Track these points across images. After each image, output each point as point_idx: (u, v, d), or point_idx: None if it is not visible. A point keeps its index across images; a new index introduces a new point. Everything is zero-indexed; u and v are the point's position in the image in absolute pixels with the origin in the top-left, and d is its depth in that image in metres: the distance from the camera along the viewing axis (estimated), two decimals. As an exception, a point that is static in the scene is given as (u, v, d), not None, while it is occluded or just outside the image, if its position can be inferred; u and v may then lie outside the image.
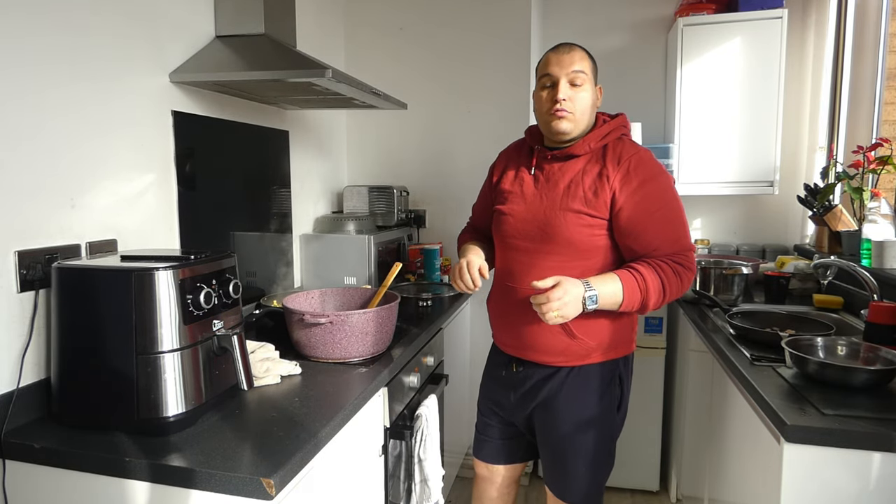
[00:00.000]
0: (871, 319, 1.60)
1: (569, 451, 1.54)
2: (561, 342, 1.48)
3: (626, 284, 1.37)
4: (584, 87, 1.46)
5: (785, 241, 2.95)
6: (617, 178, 1.41)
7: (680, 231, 1.43)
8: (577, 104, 1.45)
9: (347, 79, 1.69)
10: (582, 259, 1.45)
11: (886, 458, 1.14)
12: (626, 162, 1.42)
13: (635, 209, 1.40)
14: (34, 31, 1.23)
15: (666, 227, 1.41)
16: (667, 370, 2.57)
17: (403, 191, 2.70)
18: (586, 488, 1.57)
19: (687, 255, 1.42)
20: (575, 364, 1.51)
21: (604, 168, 1.43)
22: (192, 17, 1.72)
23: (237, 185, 1.98)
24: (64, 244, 1.31)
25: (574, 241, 1.44)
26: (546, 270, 1.44)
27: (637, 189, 1.40)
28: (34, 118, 1.24)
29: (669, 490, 2.62)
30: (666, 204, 1.42)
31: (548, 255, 1.47)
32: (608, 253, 1.46)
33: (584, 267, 1.45)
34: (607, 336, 1.49)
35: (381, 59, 2.82)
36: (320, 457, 1.17)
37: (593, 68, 1.50)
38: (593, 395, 1.52)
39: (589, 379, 1.51)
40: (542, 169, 1.52)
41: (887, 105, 2.33)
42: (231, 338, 1.23)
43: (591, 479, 1.56)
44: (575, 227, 1.43)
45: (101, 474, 1.08)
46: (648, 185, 1.40)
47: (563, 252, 1.45)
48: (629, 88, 3.01)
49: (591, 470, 1.55)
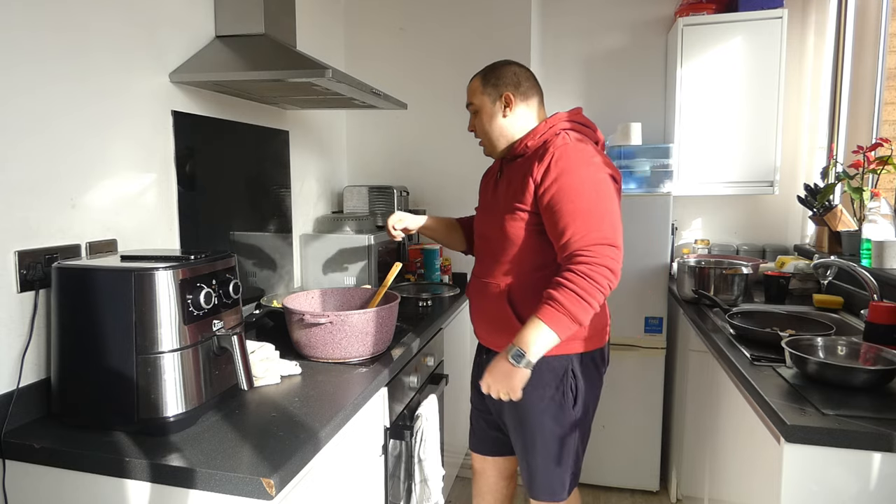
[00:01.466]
0: (871, 319, 1.60)
1: (528, 444, 1.58)
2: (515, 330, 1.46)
3: (548, 320, 1.35)
4: (479, 114, 1.59)
5: (785, 241, 2.96)
6: (540, 170, 1.45)
7: (593, 224, 1.38)
8: (478, 129, 1.61)
9: (347, 79, 1.69)
10: (522, 252, 1.51)
11: (886, 458, 1.14)
12: (549, 155, 1.45)
13: (551, 199, 1.42)
14: (34, 31, 1.23)
15: (577, 218, 1.38)
16: (667, 370, 2.57)
17: (403, 191, 2.70)
18: (549, 484, 1.59)
19: (594, 249, 1.36)
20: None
21: (533, 164, 1.47)
22: (192, 17, 1.72)
23: (237, 185, 1.98)
24: (64, 244, 1.31)
25: (510, 236, 1.51)
26: (494, 264, 1.57)
27: (555, 181, 1.42)
28: (34, 118, 1.24)
29: (669, 490, 2.62)
30: (580, 196, 1.40)
31: (495, 250, 1.56)
32: (545, 249, 1.48)
33: (522, 259, 1.52)
34: None
35: (381, 59, 2.82)
36: (320, 457, 1.17)
37: (483, 89, 1.57)
38: (547, 388, 1.54)
39: (542, 371, 1.51)
40: (503, 174, 1.62)
41: (887, 105, 2.33)
42: (231, 338, 1.23)
43: (554, 476, 1.58)
44: (511, 221, 1.50)
45: (101, 474, 1.08)
46: (565, 177, 1.41)
47: (507, 247, 1.53)
48: (629, 88, 3.01)
49: (550, 465, 1.57)
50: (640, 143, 2.67)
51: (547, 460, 1.57)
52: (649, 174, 2.60)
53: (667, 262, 2.50)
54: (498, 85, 1.56)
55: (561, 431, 1.55)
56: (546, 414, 1.54)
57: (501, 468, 1.80)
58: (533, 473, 1.60)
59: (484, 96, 1.57)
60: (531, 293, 1.46)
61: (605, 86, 3.05)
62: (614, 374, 2.57)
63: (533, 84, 1.58)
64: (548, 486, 1.59)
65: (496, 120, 1.57)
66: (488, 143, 1.60)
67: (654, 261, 2.49)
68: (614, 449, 2.64)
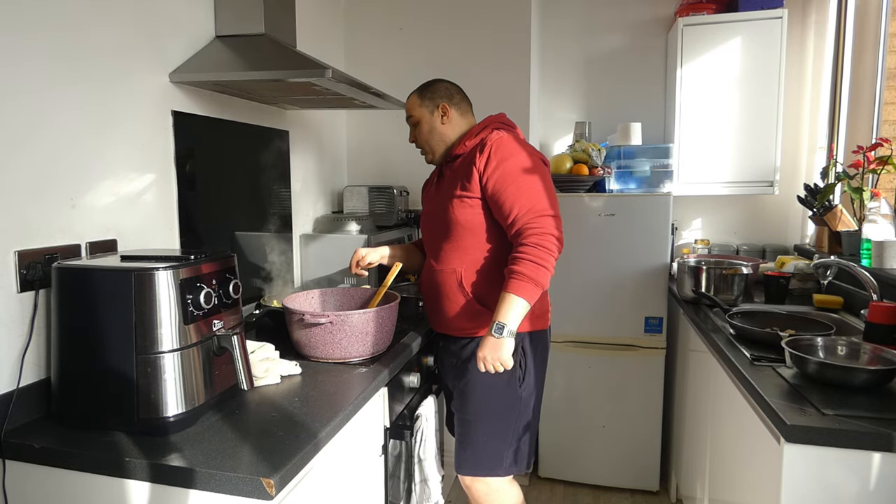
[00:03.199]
0: (871, 319, 1.60)
1: (472, 421, 1.71)
2: (469, 312, 1.69)
3: (518, 290, 1.52)
4: (419, 125, 1.77)
5: (785, 241, 2.95)
6: (482, 160, 1.63)
7: (533, 200, 1.58)
8: (420, 139, 1.80)
9: (347, 79, 1.69)
10: (470, 236, 1.67)
11: (886, 458, 1.14)
12: (488, 147, 1.64)
13: (496, 183, 1.60)
14: (34, 31, 1.23)
15: (520, 196, 1.58)
16: (667, 370, 2.57)
17: (403, 191, 2.70)
18: (486, 457, 1.71)
19: (537, 221, 1.56)
20: (482, 334, 1.65)
21: (474, 157, 1.66)
22: (192, 17, 1.72)
23: (237, 185, 1.98)
24: (64, 244, 1.31)
25: (459, 221, 1.67)
26: (445, 251, 1.72)
27: (497, 167, 1.61)
28: (34, 118, 1.24)
29: (669, 490, 2.62)
30: (519, 177, 1.60)
31: (444, 238, 1.71)
32: (492, 230, 1.66)
33: (473, 245, 1.67)
34: None
35: (381, 59, 2.82)
36: (320, 457, 1.17)
37: (421, 102, 1.77)
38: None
39: None
40: (442, 175, 1.80)
41: (887, 105, 2.33)
42: (231, 338, 1.23)
43: (492, 449, 1.70)
44: (458, 209, 1.67)
45: (101, 474, 1.08)
46: (505, 162, 1.61)
47: (454, 233, 1.69)
48: (629, 88, 3.02)
49: (491, 439, 1.70)
50: (640, 143, 2.67)
51: (488, 437, 1.69)
52: (649, 174, 2.60)
53: (667, 262, 2.50)
54: (434, 98, 1.76)
55: (506, 407, 1.68)
56: (493, 390, 1.67)
57: None
58: (473, 447, 1.71)
59: (422, 109, 1.76)
60: (483, 273, 1.67)
61: (605, 86, 3.05)
62: (614, 374, 2.58)
63: (463, 97, 1.80)
64: (486, 459, 1.70)
65: (435, 127, 1.76)
66: (429, 149, 1.79)
67: (654, 261, 2.49)
68: (614, 449, 2.64)
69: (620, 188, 2.63)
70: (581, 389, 2.63)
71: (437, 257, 1.74)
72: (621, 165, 2.62)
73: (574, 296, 2.56)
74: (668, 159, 2.60)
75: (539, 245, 1.54)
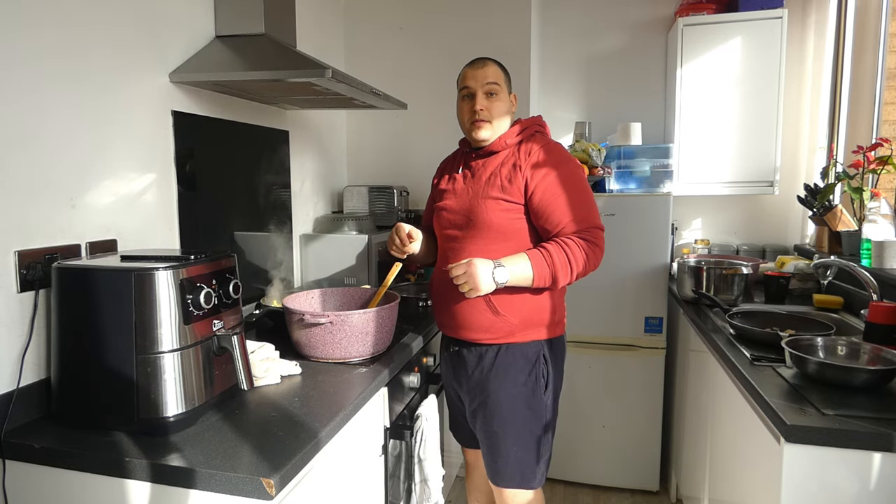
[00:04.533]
0: (871, 319, 1.60)
1: (500, 433, 1.62)
2: (486, 319, 1.59)
3: (533, 260, 1.50)
4: (498, 97, 1.63)
5: (785, 241, 2.95)
6: (528, 166, 1.57)
7: (586, 211, 1.56)
8: (493, 112, 1.62)
9: (347, 79, 1.69)
10: (502, 241, 1.58)
11: (886, 458, 1.14)
12: (536, 153, 1.58)
13: (544, 193, 1.54)
14: (33, 31, 1.23)
15: (572, 207, 1.54)
16: (667, 370, 2.57)
17: (403, 191, 2.70)
18: (519, 470, 1.62)
19: (592, 231, 1.54)
20: (501, 342, 1.60)
21: (518, 160, 1.59)
22: (192, 17, 1.72)
23: (237, 184, 1.98)
24: (64, 244, 1.31)
25: (494, 225, 1.57)
26: (472, 253, 1.58)
27: (546, 175, 1.55)
28: (34, 118, 1.24)
29: (669, 490, 2.62)
30: (572, 187, 1.56)
31: (473, 239, 1.61)
32: (526, 235, 1.59)
33: (504, 248, 1.57)
34: (529, 314, 1.59)
35: (381, 59, 2.82)
36: (320, 457, 1.17)
37: (506, 80, 1.66)
38: (520, 374, 1.60)
39: (516, 357, 1.59)
40: (469, 167, 1.69)
41: (887, 105, 2.33)
42: (231, 338, 1.23)
43: (524, 461, 1.62)
44: (494, 211, 1.57)
45: (101, 474, 1.08)
46: (555, 171, 1.56)
47: (486, 235, 1.59)
48: (629, 88, 3.01)
49: (521, 451, 1.62)
50: (640, 143, 2.67)
51: (518, 447, 1.61)
52: (649, 174, 2.60)
53: (667, 262, 2.50)
54: (510, 82, 1.67)
55: (533, 417, 1.60)
56: (519, 400, 1.60)
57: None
58: (504, 459, 1.63)
59: (505, 85, 1.65)
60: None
61: (605, 86, 3.05)
62: (614, 374, 2.58)
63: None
64: (518, 472, 1.63)
65: (508, 112, 1.66)
66: (491, 130, 1.62)
67: (654, 261, 2.49)
68: (614, 449, 2.64)
69: (620, 188, 2.63)
70: (581, 389, 2.63)
71: (458, 257, 1.60)
72: (621, 165, 2.62)
73: (574, 295, 2.56)
74: (668, 159, 2.60)
75: (585, 252, 1.51)
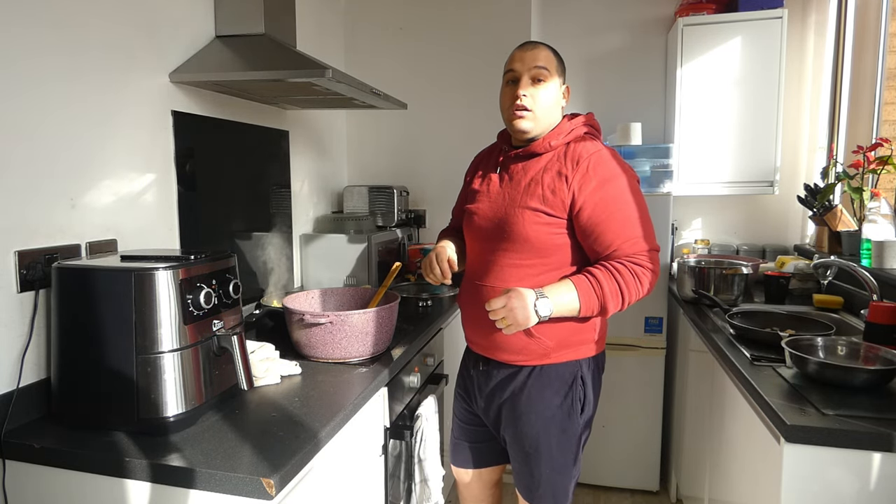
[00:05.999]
0: (871, 319, 1.60)
1: (532, 454, 1.51)
2: (520, 341, 1.46)
3: (581, 290, 1.36)
4: (546, 84, 1.44)
5: (785, 241, 2.95)
6: (576, 177, 1.38)
7: (640, 231, 1.40)
8: (537, 101, 1.43)
9: (347, 79, 1.69)
10: (540, 257, 1.43)
11: (886, 458, 1.14)
12: (585, 161, 1.39)
13: (595, 209, 1.37)
14: (33, 30, 1.23)
15: (625, 227, 1.38)
16: (667, 370, 2.57)
17: (403, 191, 2.70)
18: (552, 492, 1.53)
19: (647, 255, 1.39)
20: (535, 363, 1.48)
21: (563, 167, 1.41)
22: (192, 17, 1.72)
23: (237, 184, 1.98)
24: (64, 244, 1.31)
25: (530, 239, 1.42)
26: (505, 268, 1.45)
27: (596, 189, 1.38)
28: (34, 118, 1.24)
29: (669, 490, 2.62)
30: (626, 204, 1.39)
31: (506, 252, 1.46)
32: (568, 251, 1.43)
33: (542, 265, 1.43)
34: (565, 336, 1.46)
35: (381, 59, 2.82)
36: (320, 457, 1.17)
37: (559, 67, 1.47)
38: (555, 397, 1.48)
39: (551, 379, 1.48)
40: (507, 168, 1.52)
41: (887, 105, 2.33)
42: (231, 338, 1.23)
43: (558, 484, 1.53)
44: (531, 224, 1.41)
45: (101, 474, 1.08)
46: (608, 185, 1.38)
47: (521, 249, 1.44)
48: (629, 88, 3.01)
49: (555, 473, 1.52)
50: (640, 143, 2.67)
51: (552, 470, 1.51)
52: (649, 174, 2.60)
53: (667, 262, 2.50)
54: (564, 71, 1.48)
55: (567, 440, 1.50)
56: (553, 423, 1.48)
57: (487, 479, 1.75)
58: (536, 483, 1.53)
59: (557, 74, 1.46)
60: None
61: (605, 86, 3.05)
62: (614, 374, 2.57)
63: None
64: (552, 496, 1.54)
65: (558, 104, 1.48)
66: (538, 118, 1.44)
67: (654, 261, 2.49)
68: (614, 449, 2.64)
69: (620, 188, 2.63)
70: (581, 389, 2.62)
71: (491, 270, 1.48)
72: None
73: (574, 296, 2.56)
74: (668, 159, 2.60)
75: (638, 278, 1.37)
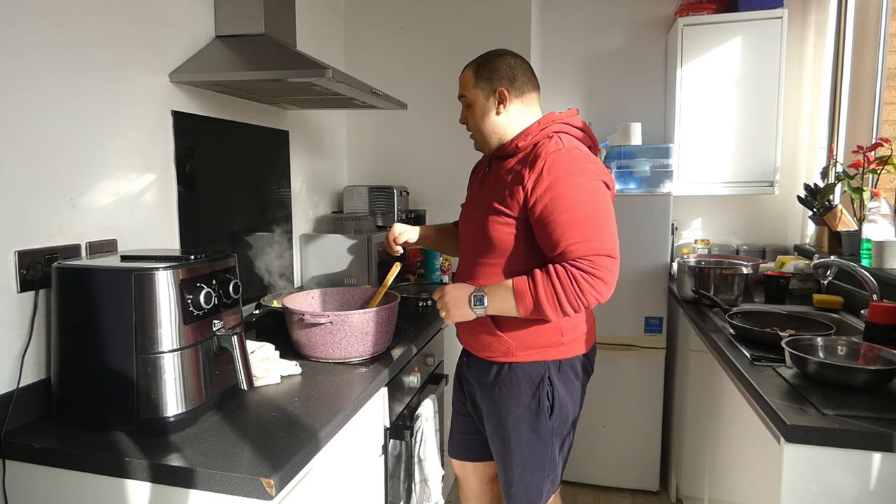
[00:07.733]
0: (871, 319, 1.60)
1: (504, 451, 1.54)
2: (486, 337, 1.50)
3: (516, 291, 1.36)
4: (471, 108, 1.50)
5: (785, 241, 2.96)
6: (531, 177, 1.37)
7: (590, 234, 1.33)
8: (470, 124, 1.53)
9: (347, 79, 1.69)
10: (503, 257, 1.45)
11: (886, 458, 1.14)
12: (542, 161, 1.37)
13: (545, 209, 1.35)
14: (32, 30, 1.23)
15: (573, 228, 1.33)
16: (667, 370, 2.57)
17: (403, 191, 2.70)
18: (526, 492, 1.54)
19: (593, 259, 1.32)
20: (502, 360, 1.50)
21: (524, 168, 1.40)
22: (192, 16, 1.72)
23: (237, 185, 1.98)
24: (64, 244, 1.31)
25: (493, 239, 1.44)
26: (477, 267, 1.50)
27: (549, 188, 1.35)
28: (33, 118, 1.24)
29: (669, 490, 2.62)
30: (577, 205, 1.34)
31: (479, 252, 1.50)
32: (527, 254, 1.43)
33: (503, 266, 1.45)
34: (527, 337, 1.46)
35: (381, 59, 2.82)
36: (320, 457, 1.17)
37: (476, 82, 1.48)
38: (523, 395, 1.49)
39: (518, 378, 1.49)
40: (490, 171, 1.56)
41: (887, 105, 2.33)
42: (231, 338, 1.23)
43: (529, 482, 1.53)
44: (494, 225, 1.44)
45: (101, 474, 1.08)
46: (561, 184, 1.34)
47: (487, 250, 1.47)
48: (629, 88, 3.02)
49: (526, 471, 1.52)
50: (640, 143, 2.67)
51: (523, 468, 1.52)
52: (649, 174, 2.60)
53: (667, 262, 2.50)
54: (491, 79, 1.46)
55: (537, 440, 1.50)
56: (522, 421, 1.49)
57: (482, 473, 1.76)
58: (510, 480, 1.55)
59: (477, 90, 1.48)
60: None
61: (605, 86, 3.05)
62: (614, 374, 2.58)
63: (529, 78, 1.49)
64: (524, 494, 1.55)
65: (489, 117, 1.48)
66: (480, 138, 1.53)
67: (654, 261, 2.49)
68: (614, 449, 2.64)
69: (620, 188, 2.63)
70: (581, 389, 2.63)
71: (467, 269, 1.54)
72: (621, 165, 2.62)
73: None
74: (668, 159, 2.60)
75: (577, 283, 1.31)
